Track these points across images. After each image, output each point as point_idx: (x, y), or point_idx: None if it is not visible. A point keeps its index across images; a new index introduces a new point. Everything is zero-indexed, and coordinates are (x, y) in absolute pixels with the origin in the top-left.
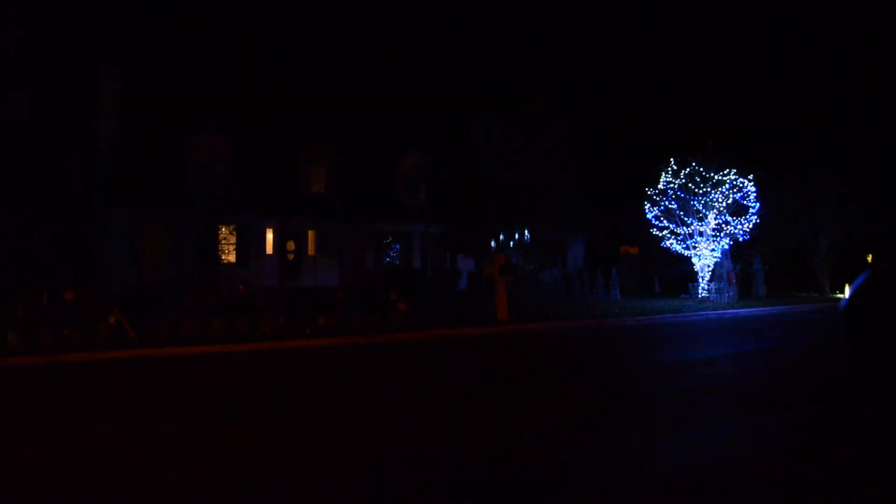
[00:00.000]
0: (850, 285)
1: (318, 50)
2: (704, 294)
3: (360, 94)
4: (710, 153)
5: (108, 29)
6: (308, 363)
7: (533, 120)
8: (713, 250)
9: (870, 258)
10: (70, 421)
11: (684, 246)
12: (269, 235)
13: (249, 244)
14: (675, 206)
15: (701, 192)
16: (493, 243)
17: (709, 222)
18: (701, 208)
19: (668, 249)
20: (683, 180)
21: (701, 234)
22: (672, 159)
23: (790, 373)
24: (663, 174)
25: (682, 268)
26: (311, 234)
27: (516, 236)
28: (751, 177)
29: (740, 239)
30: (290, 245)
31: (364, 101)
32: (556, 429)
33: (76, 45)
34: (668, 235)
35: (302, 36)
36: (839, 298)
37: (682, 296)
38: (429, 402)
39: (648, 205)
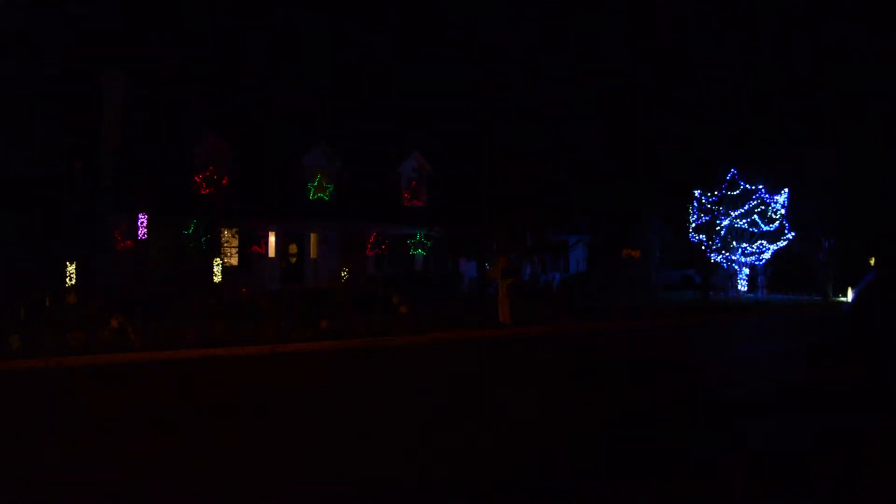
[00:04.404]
0: (853, 288)
1: (319, 53)
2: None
3: (362, 97)
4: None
5: (111, 34)
6: (308, 367)
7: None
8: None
9: (872, 261)
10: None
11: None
12: (272, 238)
13: (251, 247)
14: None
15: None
16: (495, 246)
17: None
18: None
19: (668, 254)
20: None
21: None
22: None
23: None
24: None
25: (682, 272)
26: (313, 237)
27: (519, 239)
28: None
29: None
30: (293, 248)
31: (365, 103)
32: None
33: (79, 51)
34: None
35: (302, 39)
36: (841, 302)
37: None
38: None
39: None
